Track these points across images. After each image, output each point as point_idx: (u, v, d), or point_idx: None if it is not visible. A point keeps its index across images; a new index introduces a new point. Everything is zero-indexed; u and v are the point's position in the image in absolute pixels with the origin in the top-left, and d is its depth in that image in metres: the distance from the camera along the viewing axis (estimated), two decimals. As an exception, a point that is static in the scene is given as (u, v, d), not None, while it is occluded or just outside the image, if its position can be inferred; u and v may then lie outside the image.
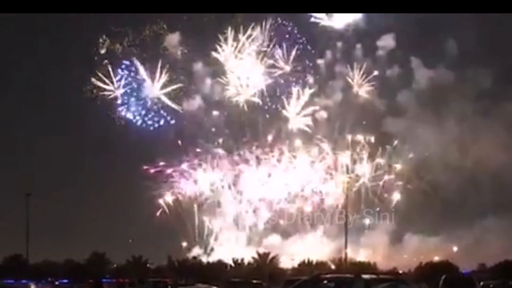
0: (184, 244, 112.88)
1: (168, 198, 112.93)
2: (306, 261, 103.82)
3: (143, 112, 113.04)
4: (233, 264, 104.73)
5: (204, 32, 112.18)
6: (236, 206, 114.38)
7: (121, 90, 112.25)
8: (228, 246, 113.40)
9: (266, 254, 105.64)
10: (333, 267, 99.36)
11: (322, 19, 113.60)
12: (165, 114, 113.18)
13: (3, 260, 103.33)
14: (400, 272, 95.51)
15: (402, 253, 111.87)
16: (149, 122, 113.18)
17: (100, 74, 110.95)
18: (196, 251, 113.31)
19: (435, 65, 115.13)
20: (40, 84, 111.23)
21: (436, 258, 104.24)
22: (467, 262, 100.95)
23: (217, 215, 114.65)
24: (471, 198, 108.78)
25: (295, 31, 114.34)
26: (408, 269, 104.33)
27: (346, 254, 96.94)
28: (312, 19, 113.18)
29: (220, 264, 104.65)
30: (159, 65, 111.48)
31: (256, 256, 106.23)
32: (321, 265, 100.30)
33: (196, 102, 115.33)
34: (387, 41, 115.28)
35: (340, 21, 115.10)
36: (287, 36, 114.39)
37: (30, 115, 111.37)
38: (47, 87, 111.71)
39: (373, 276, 23.86)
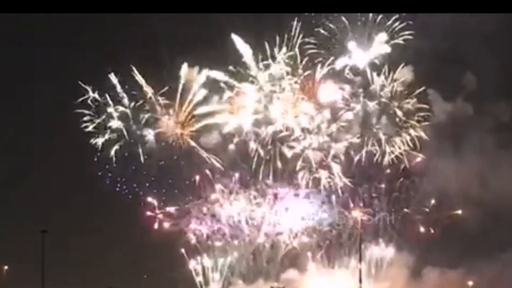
0: (199, 279, 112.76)
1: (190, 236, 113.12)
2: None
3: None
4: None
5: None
6: (253, 240, 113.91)
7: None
8: (245, 282, 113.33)
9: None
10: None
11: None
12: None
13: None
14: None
15: (419, 287, 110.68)
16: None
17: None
18: (213, 287, 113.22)
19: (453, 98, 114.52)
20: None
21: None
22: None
23: (233, 250, 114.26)
24: (491, 231, 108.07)
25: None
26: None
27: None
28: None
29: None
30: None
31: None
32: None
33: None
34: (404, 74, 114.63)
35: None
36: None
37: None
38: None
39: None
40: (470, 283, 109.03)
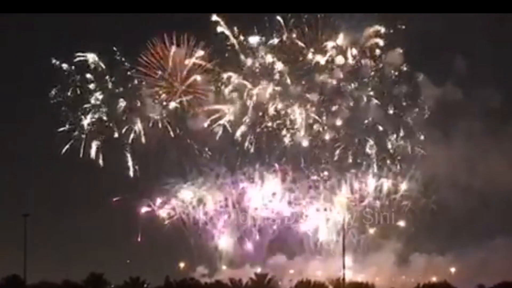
0: (182, 264, 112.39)
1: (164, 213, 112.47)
2: (304, 281, 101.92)
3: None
4: (231, 285, 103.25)
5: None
6: (240, 225, 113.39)
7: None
8: (232, 266, 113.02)
9: (264, 275, 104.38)
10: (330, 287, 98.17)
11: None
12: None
13: (1, 281, 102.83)
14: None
15: (407, 274, 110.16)
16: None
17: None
18: (199, 271, 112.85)
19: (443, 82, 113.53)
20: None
21: (434, 279, 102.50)
22: (470, 282, 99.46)
23: (220, 235, 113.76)
24: (479, 217, 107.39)
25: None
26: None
27: (344, 274, 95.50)
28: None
29: (218, 285, 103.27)
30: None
31: (253, 277, 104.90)
32: (318, 285, 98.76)
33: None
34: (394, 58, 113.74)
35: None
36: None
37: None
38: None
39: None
40: (453, 269, 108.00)
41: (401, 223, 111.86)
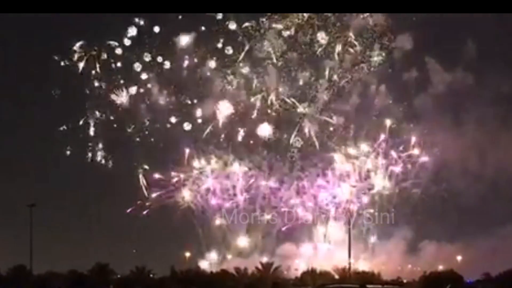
0: (188, 254, 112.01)
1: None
2: (310, 270, 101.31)
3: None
4: (236, 274, 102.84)
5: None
6: (250, 213, 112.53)
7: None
8: (240, 255, 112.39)
9: (269, 264, 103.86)
10: (336, 277, 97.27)
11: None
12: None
13: (7, 271, 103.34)
14: (404, 281, 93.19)
15: (415, 262, 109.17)
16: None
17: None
18: (206, 260, 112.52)
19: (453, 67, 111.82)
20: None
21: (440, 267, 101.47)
22: (479, 270, 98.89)
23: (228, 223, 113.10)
24: (489, 205, 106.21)
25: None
26: (413, 278, 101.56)
27: (350, 264, 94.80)
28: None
29: (224, 274, 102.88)
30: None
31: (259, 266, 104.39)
32: (324, 274, 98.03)
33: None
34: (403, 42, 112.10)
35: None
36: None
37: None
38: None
39: (378, 286, 22.55)
40: (460, 257, 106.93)
41: (411, 211, 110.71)
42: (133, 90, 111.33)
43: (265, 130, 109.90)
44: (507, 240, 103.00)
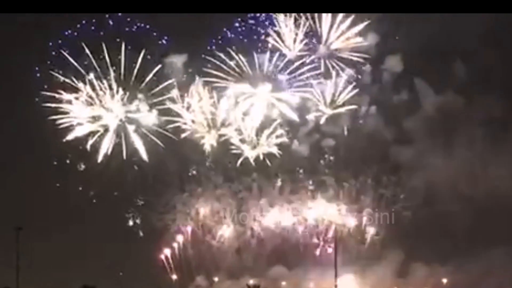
0: (174, 277, 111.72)
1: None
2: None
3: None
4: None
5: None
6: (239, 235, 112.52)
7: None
8: (231, 277, 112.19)
9: (256, 286, 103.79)
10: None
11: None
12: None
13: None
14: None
15: (404, 285, 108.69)
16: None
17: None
18: (199, 282, 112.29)
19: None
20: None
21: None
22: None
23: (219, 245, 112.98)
24: (480, 227, 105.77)
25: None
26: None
27: (336, 286, 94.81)
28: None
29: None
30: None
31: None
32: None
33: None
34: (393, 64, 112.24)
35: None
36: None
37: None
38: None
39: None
40: (445, 280, 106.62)
41: (401, 233, 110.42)
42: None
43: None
44: (498, 262, 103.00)
